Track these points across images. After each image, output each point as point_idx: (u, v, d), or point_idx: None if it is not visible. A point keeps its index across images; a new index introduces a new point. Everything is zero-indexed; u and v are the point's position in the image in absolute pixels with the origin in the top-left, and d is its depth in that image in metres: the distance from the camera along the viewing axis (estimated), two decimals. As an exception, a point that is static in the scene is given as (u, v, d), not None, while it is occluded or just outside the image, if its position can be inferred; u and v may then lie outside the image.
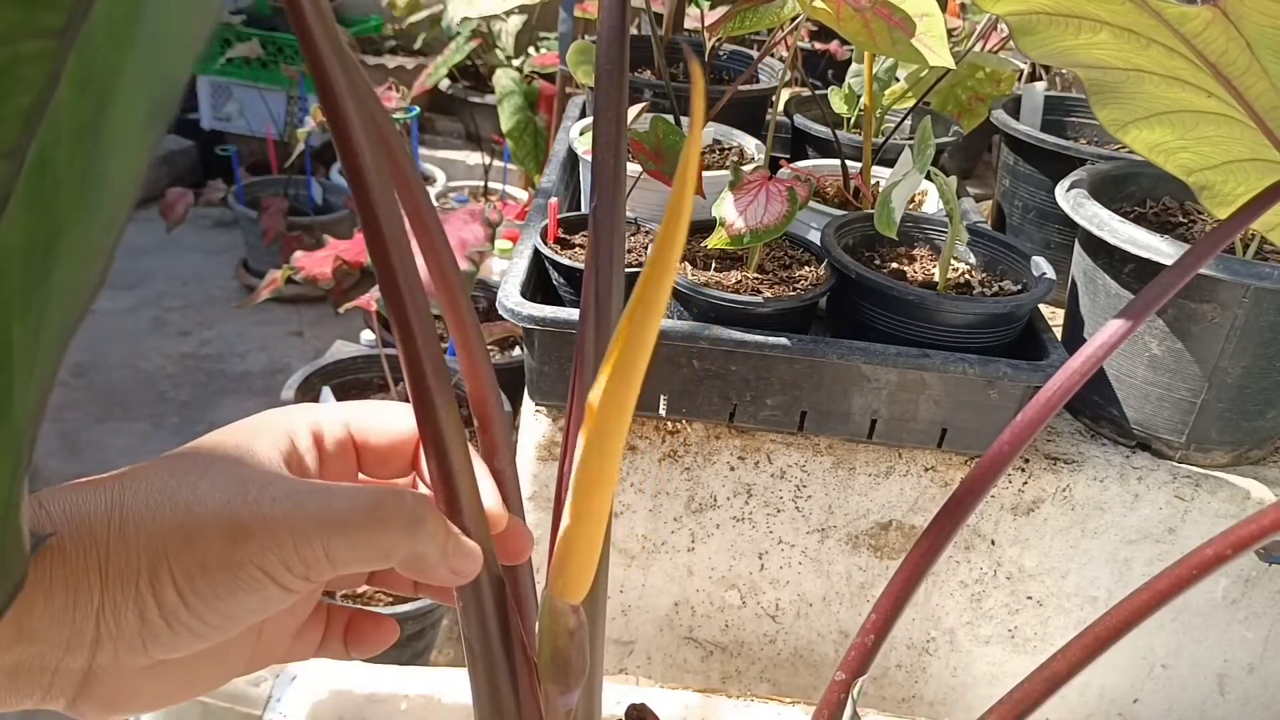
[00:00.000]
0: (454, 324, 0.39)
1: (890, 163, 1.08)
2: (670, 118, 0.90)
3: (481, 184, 2.89)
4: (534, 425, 0.88)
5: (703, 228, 0.92)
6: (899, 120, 1.18)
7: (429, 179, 2.92)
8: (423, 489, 0.42)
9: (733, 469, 0.89)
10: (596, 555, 0.32)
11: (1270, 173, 0.59)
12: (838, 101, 1.13)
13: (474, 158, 3.08)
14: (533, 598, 0.45)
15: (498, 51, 2.76)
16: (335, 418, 0.41)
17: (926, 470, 0.88)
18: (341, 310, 1.40)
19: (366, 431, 0.41)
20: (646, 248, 0.88)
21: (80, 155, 0.18)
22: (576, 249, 0.94)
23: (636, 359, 0.25)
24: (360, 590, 1.13)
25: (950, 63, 0.79)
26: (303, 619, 0.42)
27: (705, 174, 0.88)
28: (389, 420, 0.41)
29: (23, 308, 0.18)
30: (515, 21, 2.78)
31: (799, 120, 1.20)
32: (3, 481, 0.21)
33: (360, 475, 0.42)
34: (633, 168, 0.87)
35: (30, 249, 0.18)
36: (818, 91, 1.21)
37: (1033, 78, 1.54)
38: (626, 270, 0.77)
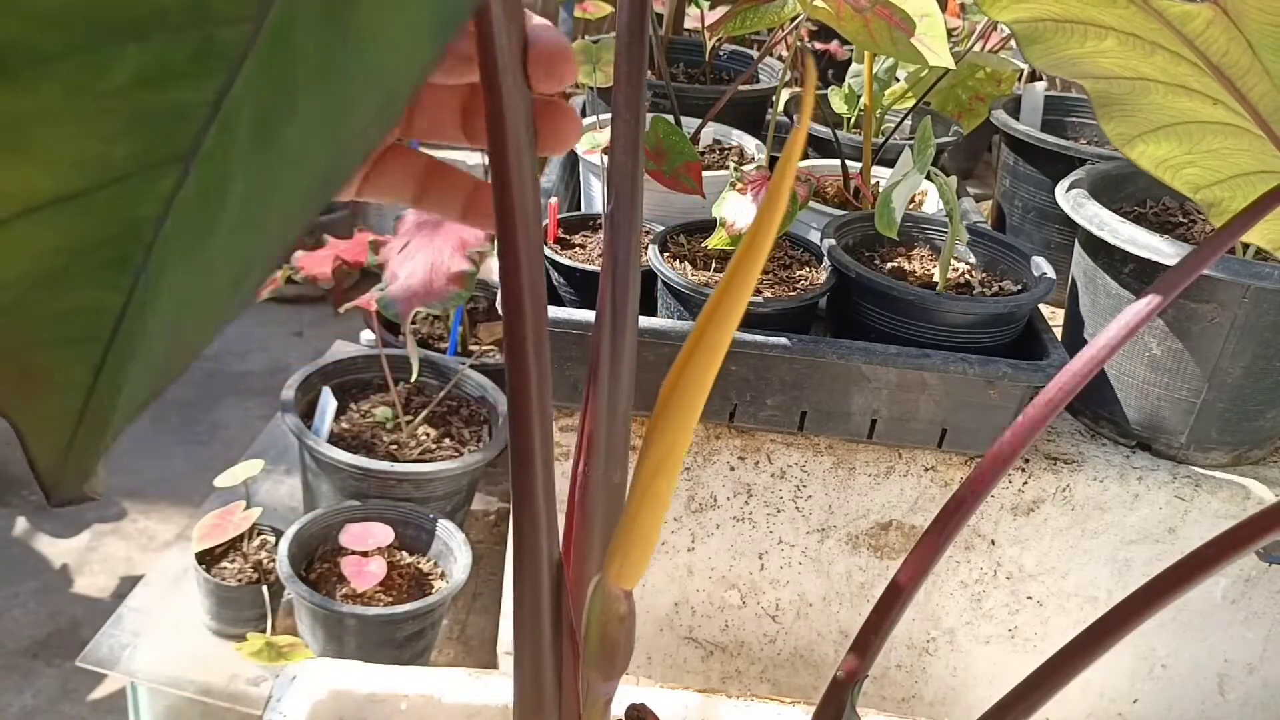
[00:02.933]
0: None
1: (890, 163, 1.08)
2: (670, 118, 0.90)
3: (481, 184, 2.89)
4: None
5: (703, 228, 0.92)
6: (899, 120, 1.18)
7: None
8: None
9: (733, 469, 0.88)
10: (655, 542, 0.32)
11: (1277, 183, 0.59)
12: (838, 101, 1.13)
13: (474, 158, 3.08)
14: (582, 587, 0.44)
15: (498, 51, 2.76)
16: None
17: (926, 470, 0.88)
18: (341, 310, 1.40)
19: None
20: (646, 248, 0.88)
21: (326, 40, 0.20)
22: (576, 249, 0.94)
23: (717, 343, 0.25)
24: (361, 591, 1.13)
25: (950, 63, 0.79)
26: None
27: (705, 174, 0.88)
28: None
29: (252, 147, 0.20)
30: (515, 21, 2.78)
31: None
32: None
33: None
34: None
35: (263, 107, 0.20)
36: (818, 91, 1.21)
37: (1033, 78, 1.54)
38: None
